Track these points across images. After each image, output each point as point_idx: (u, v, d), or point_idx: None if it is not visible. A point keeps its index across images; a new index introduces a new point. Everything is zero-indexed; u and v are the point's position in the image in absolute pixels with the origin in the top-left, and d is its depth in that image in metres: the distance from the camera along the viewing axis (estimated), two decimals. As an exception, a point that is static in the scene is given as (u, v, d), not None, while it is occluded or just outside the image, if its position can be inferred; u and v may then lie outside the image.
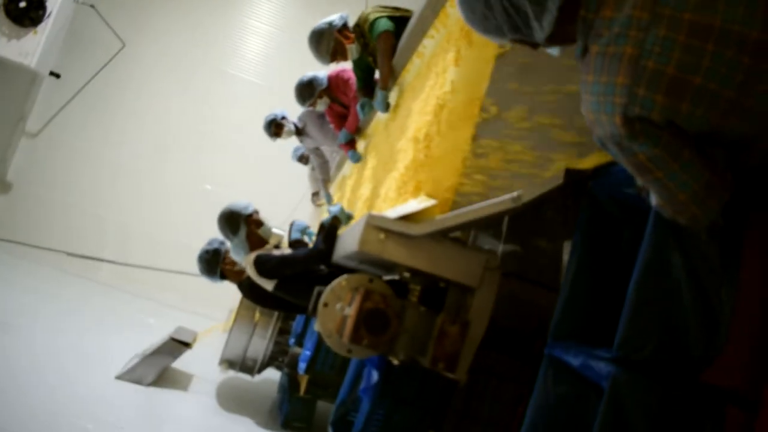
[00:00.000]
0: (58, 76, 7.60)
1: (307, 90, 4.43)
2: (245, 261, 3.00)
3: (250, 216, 3.15)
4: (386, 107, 3.32)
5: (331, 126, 4.64)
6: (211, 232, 3.68)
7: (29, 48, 6.57)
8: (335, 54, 3.63)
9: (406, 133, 2.53)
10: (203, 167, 8.75)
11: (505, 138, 1.85)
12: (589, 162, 1.63)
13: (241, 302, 5.85)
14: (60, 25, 6.99)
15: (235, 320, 5.77)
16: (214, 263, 3.52)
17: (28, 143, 8.17)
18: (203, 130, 8.78)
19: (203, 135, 8.77)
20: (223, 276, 3.62)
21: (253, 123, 7.88)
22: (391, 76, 3.19)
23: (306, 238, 3.47)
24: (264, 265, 2.81)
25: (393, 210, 1.87)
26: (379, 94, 3.28)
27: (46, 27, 6.64)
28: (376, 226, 1.80)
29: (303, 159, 6.30)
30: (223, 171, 8.70)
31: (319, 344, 4.18)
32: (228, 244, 3.57)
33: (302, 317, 4.86)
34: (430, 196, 1.88)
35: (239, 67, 9.08)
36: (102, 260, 8.19)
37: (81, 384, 4.71)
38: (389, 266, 2.02)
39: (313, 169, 6.04)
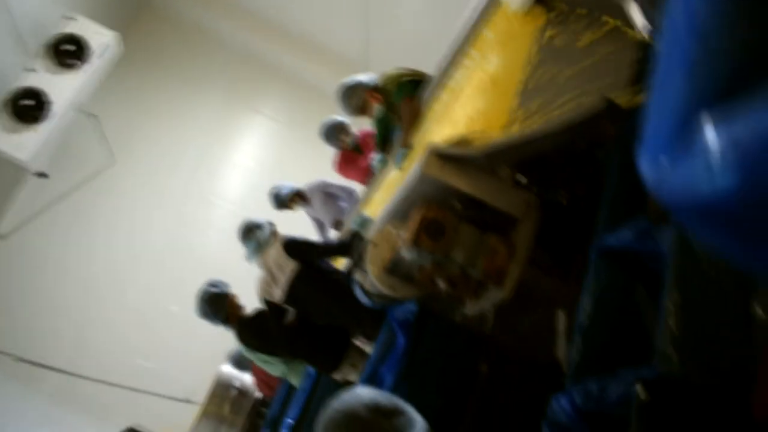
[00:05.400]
0: (46, 176, 7.72)
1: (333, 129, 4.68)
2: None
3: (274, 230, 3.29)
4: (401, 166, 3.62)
5: (338, 203, 4.88)
6: (177, 356, 3.65)
7: (25, 143, 6.64)
8: (362, 110, 3.94)
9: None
10: (173, 288, 8.69)
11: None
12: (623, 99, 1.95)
13: (210, 398, 5.62)
14: (59, 128, 7.16)
15: (200, 418, 5.49)
16: (220, 303, 3.58)
17: (-4, 244, 8.09)
18: (177, 252, 8.88)
19: (176, 256, 8.85)
20: (225, 319, 3.66)
21: (228, 248, 8.09)
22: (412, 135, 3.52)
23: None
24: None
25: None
26: (399, 151, 3.58)
27: (46, 127, 6.76)
28: (436, 152, 2.05)
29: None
30: (191, 294, 8.63)
31: (306, 406, 4.05)
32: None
33: (282, 396, 4.70)
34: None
35: (221, 195, 9.46)
36: (51, 368, 7.77)
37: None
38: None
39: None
